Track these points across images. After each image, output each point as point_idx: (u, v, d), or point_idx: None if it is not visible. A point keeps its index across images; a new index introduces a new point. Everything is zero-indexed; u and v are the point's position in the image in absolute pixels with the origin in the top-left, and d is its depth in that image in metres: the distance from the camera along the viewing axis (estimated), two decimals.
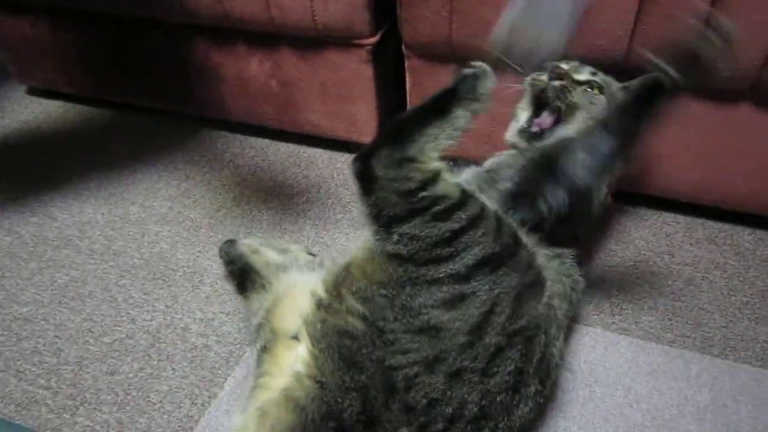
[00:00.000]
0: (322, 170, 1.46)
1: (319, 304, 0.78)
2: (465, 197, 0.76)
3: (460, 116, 0.78)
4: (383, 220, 0.74)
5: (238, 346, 1.05)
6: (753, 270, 1.17)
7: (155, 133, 1.62)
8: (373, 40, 1.25)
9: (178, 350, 1.05)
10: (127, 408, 0.96)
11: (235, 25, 1.30)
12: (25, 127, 1.67)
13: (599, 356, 1.02)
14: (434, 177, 0.75)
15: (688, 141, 1.16)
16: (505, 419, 0.76)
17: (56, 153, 1.57)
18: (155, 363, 1.03)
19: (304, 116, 1.45)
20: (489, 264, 0.73)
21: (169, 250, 1.25)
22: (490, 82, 0.81)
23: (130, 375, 1.01)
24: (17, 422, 0.95)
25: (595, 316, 1.09)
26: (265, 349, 0.83)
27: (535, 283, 0.79)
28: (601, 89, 1.00)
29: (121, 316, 1.11)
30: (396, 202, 0.73)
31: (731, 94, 1.08)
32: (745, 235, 1.25)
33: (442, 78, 1.24)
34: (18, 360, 1.04)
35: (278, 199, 1.38)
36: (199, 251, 1.25)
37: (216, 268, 1.20)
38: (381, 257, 0.75)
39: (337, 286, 0.78)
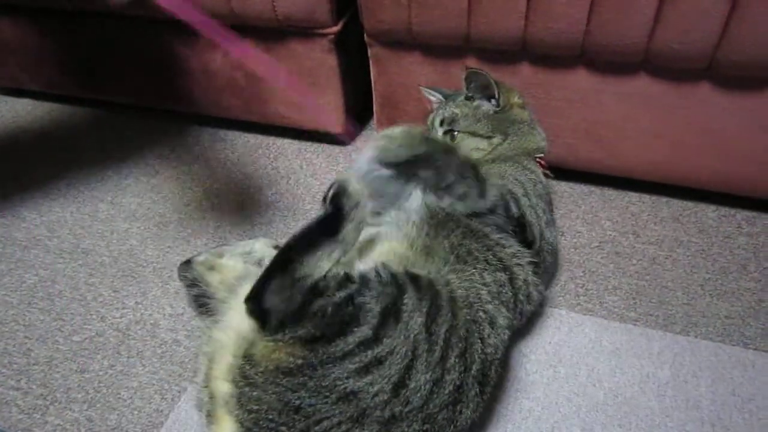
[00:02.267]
0: (291, 161, 1.47)
1: (238, 375, 0.73)
2: (347, 278, 0.76)
3: (350, 234, 0.78)
4: (286, 326, 0.72)
5: (202, 335, 1.05)
6: (716, 246, 1.19)
7: (123, 129, 1.61)
8: (335, 29, 1.25)
9: (148, 346, 1.05)
10: (98, 405, 0.97)
11: None
12: None
13: (564, 337, 1.04)
14: (323, 276, 0.74)
15: (650, 121, 1.17)
16: (452, 427, 0.76)
17: (24, 152, 1.56)
18: (125, 360, 1.04)
19: (271, 107, 1.45)
20: (389, 315, 0.72)
21: (139, 246, 1.25)
22: (358, 185, 0.80)
23: (100, 373, 1.02)
24: None
25: (561, 298, 1.11)
26: (208, 417, 0.77)
27: (438, 305, 0.76)
28: (450, 131, 1.10)
29: (91, 315, 1.12)
30: (292, 318, 0.72)
31: (690, 73, 1.08)
32: (709, 212, 1.27)
33: (405, 65, 1.25)
34: None
35: (248, 191, 1.38)
36: (169, 246, 1.25)
37: None
38: (288, 343, 0.72)
39: (250, 354, 0.73)
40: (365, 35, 1.24)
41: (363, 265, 0.81)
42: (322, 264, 0.76)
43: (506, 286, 0.88)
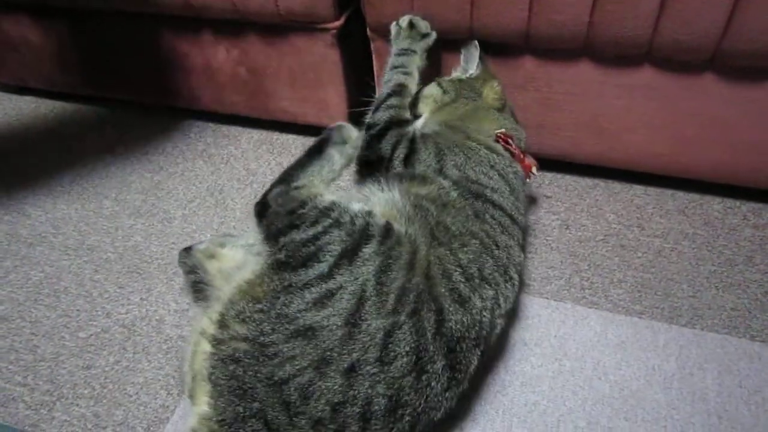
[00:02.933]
0: (296, 156, 1.45)
1: (211, 340, 0.78)
2: (329, 207, 0.86)
3: (335, 156, 0.99)
4: (271, 236, 0.85)
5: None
6: (721, 239, 1.18)
7: (127, 125, 1.62)
8: (338, 23, 1.24)
9: (153, 342, 1.06)
10: (104, 401, 0.97)
11: (199, 13, 1.29)
12: None
13: (569, 330, 1.04)
14: (314, 195, 0.88)
15: (654, 113, 1.16)
16: (422, 401, 0.76)
17: (28, 149, 1.56)
18: (131, 356, 1.04)
19: (274, 103, 1.45)
20: (346, 257, 0.79)
21: (143, 242, 1.26)
22: (354, 131, 1.03)
23: (106, 368, 1.02)
24: (6, 423, 0.96)
25: (566, 291, 1.10)
26: (191, 398, 0.81)
27: (391, 260, 0.80)
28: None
29: (97, 311, 1.12)
30: (281, 220, 0.86)
31: (694, 65, 1.08)
32: (714, 204, 1.26)
33: None
34: None
35: (251, 186, 1.38)
36: (173, 243, 1.25)
37: None
38: (264, 269, 0.82)
39: (222, 316, 0.79)
40: (368, 29, 1.24)
41: (355, 204, 0.88)
42: (314, 180, 0.94)
43: (487, 259, 0.88)
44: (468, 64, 1.15)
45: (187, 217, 1.31)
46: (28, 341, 1.08)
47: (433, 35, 1.14)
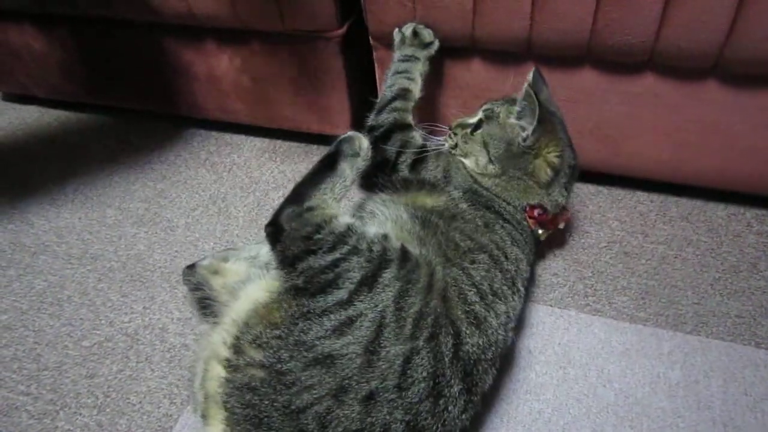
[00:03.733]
0: (298, 164, 1.47)
1: (226, 365, 0.77)
2: (346, 232, 0.84)
3: (346, 170, 0.93)
4: (287, 261, 0.83)
5: (198, 338, 1.05)
6: (725, 245, 1.18)
7: (130, 134, 1.62)
8: (340, 32, 1.25)
9: (157, 351, 1.06)
10: (107, 410, 0.97)
11: (202, 22, 1.30)
12: (0, 134, 1.67)
13: (573, 338, 1.03)
14: (329, 219, 0.85)
15: (656, 120, 1.16)
16: (439, 425, 0.75)
17: (32, 158, 1.57)
18: (134, 364, 1.04)
19: (277, 111, 1.45)
20: (366, 284, 0.79)
21: (146, 251, 1.26)
22: (365, 141, 0.97)
23: (110, 377, 1.02)
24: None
25: (569, 299, 1.10)
26: (203, 418, 0.80)
27: (409, 284, 0.80)
28: (480, 125, 1.07)
29: (100, 320, 1.12)
30: (297, 245, 0.83)
31: (697, 72, 1.08)
32: (718, 211, 1.26)
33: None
34: None
35: (254, 194, 1.39)
36: (176, 251, 1.25)
37: None
38: (281, 294, 0.81)
39: (237, 339, 0.78)
40: (370, 38, 1.24)
41: (371, 228, 0.88)
42: (326, 198, 0.89)
43: (497, 273, 0.89)
44: (525, 120, 1.00)
45: (190, 226, 1.31)
46: (31, 350, 1.08)
47: (437, 44, 1.14)
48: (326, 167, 0.93)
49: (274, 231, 0.86)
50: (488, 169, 1.04)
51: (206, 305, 0.95)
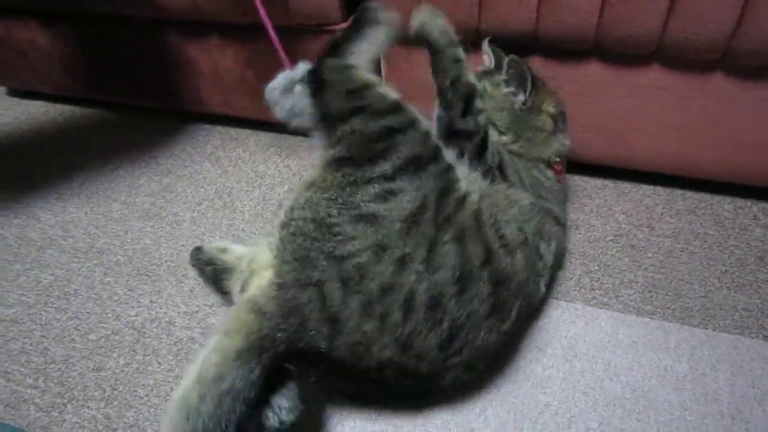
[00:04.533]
0: (303, 158, 1.47)
1: (281, 225, 0.84)
2: (399, 105, 0.86)
3: (380, 32, 0.93)
4: (330, 120, 0.84)
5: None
6: (732, 239, 1.18)
7: (135, 129, 1.62)
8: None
9: (164, 344, 1.06)
10: (115, 403, 0.98)
11: (207, 17, 1.30)
12: (6, 129, 1.67)
13: (579, 331, 1.03)
14: (374, 83, 0.87)
15: (663, 113, 1.16)
16: (463, 315, 0.80)
17: (38, 153, 1.57)
18: (141, 358, 1.04)
19: None
20: (413, 165, 0.82)
21: (153, 245, 1.26)
22: (395, 15, 0.95)
23: (117, 370, 1.02)
24: (6, 422, 0.96)
25: (576, 292, 1.10)
26: (242, 289, 0.86)
27: (451, 192, 0.85)
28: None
29: (107, 313, 1.12)
30: (342, 100, 0.84)
31: (704, 64, 1.07)
32: (725, 204, 1.25)
33: (416, 61, 1.25)
34: (5, 361, 1.05)
35: (260, 189, 1.39)
36: (182, 245, 1.25)
37: None
38: (325, 166, 0.84)
39: (291, 208, 0.84)
40: None
41: (424, 122, 0.88)
42: (361, 60, 0.90)
43: (541, 241, 0.96)
44: (517, 87, 1.05)
45: (195, 220, 1.31)
46: (38, 344, 1.08)
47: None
48: (361, 25, 0.93)
49: (317, 84, 0.86)
50: (503, 140, 1.06)
51: (221, 278, 0.97)
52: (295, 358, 0.80)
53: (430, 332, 0.79)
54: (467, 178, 0.91)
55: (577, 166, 1.32)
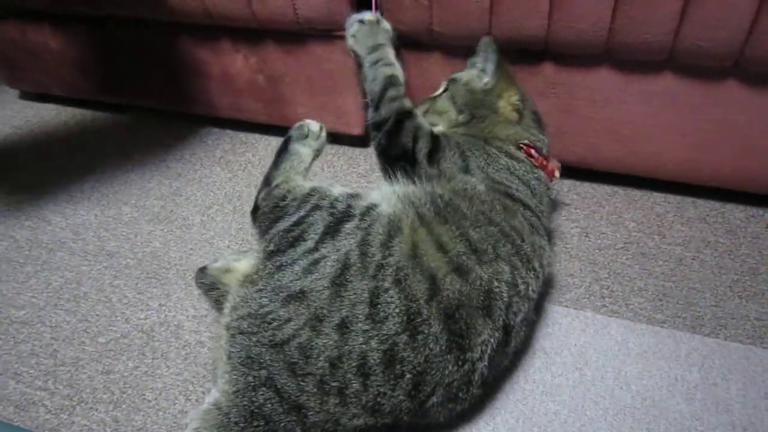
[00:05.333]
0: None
1: (225, 326, 0.86)
2: (309, 193, 0.94)
3: (299, 150, 1.06)
4: (263, 233, 0.94)
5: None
6: (744, 247, 1.17)
7: (146, 132, 1.63)
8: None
9: (172, 348, 1.06)
10: (123, 406, 0.98)
11: (218, 21, 1.30)
12: (18, 132, 1.68)
13: (589, 339, 1.02)
14: (293, 188, 0.97)
15: (674, 120, 1.15)
16: (421, 360, 0.78)
17: (49, 156, 1.58)
18: (150, 361, 1.04)
19: (291, 110, 1.45)
20: (329, 233, 0.87)
21: (162, 248, 1.26)
22: (316, 126, 1.10)
23: (125, 374, 1.03)
24: (16, 424, 0.97)
25: (586, 300, 1.09)
26: (215, 383, 0.88)
27: (373, 239, 0.86)
28: (447, 89, 1.14)
29: (116, 316, 1.13)
30: (267, 217, 0.95)
31: (716, 71, 1.07)
32: (736, 212, 1.25)
33: (425, 66, 1.25)
34: (15, 363, 1.06)
35: None
36: (192, 249, 1.26)
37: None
38: (260, 259, 0.90)
39: (232, 305, 0.87)
40: None
41: (336, 188, 0.95)
42: (289, 174, 1.03)
43: (507, 245, 0.89)
44: (485, 66, 1.10)
45: (205, 224, 1.32)
46: (48, 346, 1.09)
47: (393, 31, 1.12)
48: (282, 151, 1.07)
49: (254, 212, 1.00)
50: (459, 119, 1.10)
51: (223, 302, 0.95)
52: None
53: (395, 389, 0.78)
54: (399, 201, 0.93)
55: (587, 172, 1.31)
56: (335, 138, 1.50)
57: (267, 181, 1.03)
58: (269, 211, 0.95)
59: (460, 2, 1.09)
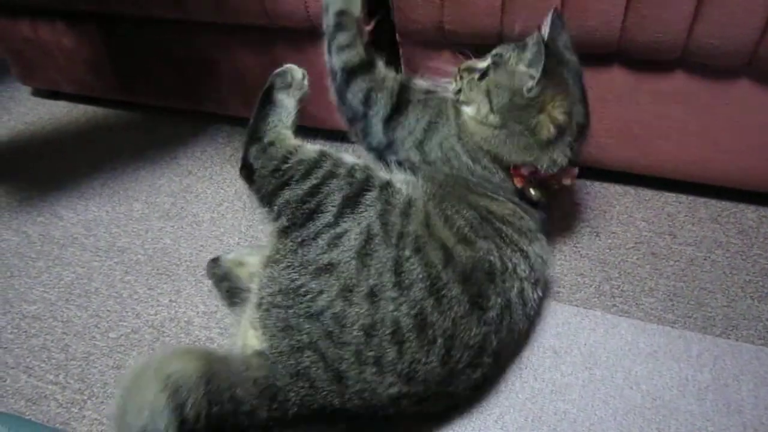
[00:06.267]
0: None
1: (255, 306, 0.86)
2: (319, 158, 0.89)
3: (283, 100, 0.98)
4: (265, 200, 0.89)
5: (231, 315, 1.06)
6: (756, 248, 1.16)
7: (157, 130, 1.64)
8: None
9: (182, 343, 1.07)
10: None
11: (230, 19, 1.31)
12: (31, 128, 1.70)
13: (599, 339, 1.02)
14: (294, 149, 0.90)
15: (687, 120, 1.14)
16: (449, 323, 0.80)
17: (61, 153, 1.59)
18: None
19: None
20: (349, 205, 0.85)
21: (173, 245, 1.27)
22: (298, 72, 1.00)
23: None
24: (27, 417, 0.97)
25: (596, 299, 1.09)
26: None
27: (393, 208, 0.86)
28: (488, 72, 0.97)
29: (127, 312, 1.13)
30: (269, 181, 0.88)
31: (729, 70, 1.06)
32: (748, 213, 1.24)
33: (435, 65, 1.24)
34: (27, 357, 1.07)
35: None
36: (202, 245, 1.26)
37: None
38: (276, 238, 0.88)
39: (259, 289, 0.86)
40: (397, 35, 1.24)
41: (347, 156, 0.91)
42: (278, 128, 0.94)
43: (489, 230, 0.91)
44: (531, 68, 0.91)
45: (215, 220, 1.32)
46: (59, 340, 1.09)
47: None
48: (266, 102, 0.97)
49: (247, 172, 0.91)
50: (489, 119, 0.94)
51: (234, 294, 0.96)
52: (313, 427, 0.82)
53: (428, 355, 0.80)
54: (408, 182, 0.93)
55: (598, 172, 1.31)
56: (344, 136, 1.50)
57: (254, 135, 0.94)
58: (269, 174, 0.88)
59: (472, 0, 1.09)
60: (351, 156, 0.93)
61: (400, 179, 0.94)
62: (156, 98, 1.65)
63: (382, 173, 0.92)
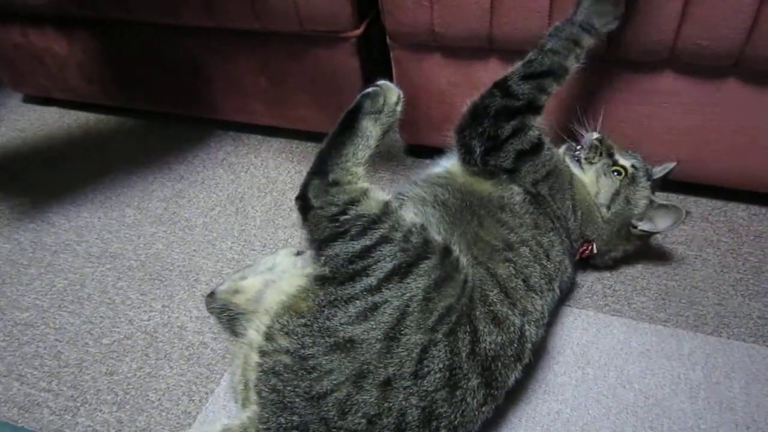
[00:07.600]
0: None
1: (258, 351, 0.79)
2: (380, 215, 0.80)
3: (368, 128, 0.86)
4: (315, 244, 0.81)
5: (234, 341, 1.06)
6: (746, 246, 1.17)
7: (148, 135, 1.64)
8: (357, 32, 1.25)
9: (175, 348, 1.06)
10: (127, 407, 0.98)
11: (221, 23, 1.31)
12: (22, 135, 1.69)
13: (592, 338, 1.02)
14: (357, 198, 0.81)
15: (676, 119, 1.15)
16: (458, 415, 0.76)
17: (53, 159, 1.59)
18: (153, 362, 1.05)
19: (294, 111, 1.46)
20: (398, 273, 0.77)
21: (165, 250, 1.27)
22: (393, 95, 0.89)
23: (129, 375, 1.03)
24: (20, 425, 0.97)
25: (588, 299, 1.09)
26: (242, 406, 0.82)
27: (446, 279, 0.80)
28: (626, 177, 1.07)
29: (119, 318, 1.13)
30: (323, 227, 0.80)
31: (717, 70, 1.07)
32: (738, 211, 1.24)
33: (426, 66, 1.25)
34: (20, 364, 1.06)
35: (271, 194, 1.39)
36: (194, 250, 1.26)
37: (211, 265, 1.21)
38: (313, 279, 0.80)
39: (269, 328, 0.79)
40: (387, 37, 1.24)
41: (407, 215, 0.83)
42: (349, 166, 0.83)
43: (535, 267, 0.89)
44: (656, 220, 1.06)
45: (208, 225, 1.32)
46: (52, 347, 1.09)
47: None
48: (346, 128, 0.86)
49: (303, 205, 0.83)
50: (600, 211, 1.06)
51: (235, 322, 0.94)
52: None
53: None
54: (444, 222, 0.88)
55: None
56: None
57: (320, 167, 0.84)
58: (326, 219, 0.80)
59: (461, 2, 1.09)
60: (411, 213, 0.86)
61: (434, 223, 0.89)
62: (147, 103, 1.65)
63: (436, 235, 0.84)
